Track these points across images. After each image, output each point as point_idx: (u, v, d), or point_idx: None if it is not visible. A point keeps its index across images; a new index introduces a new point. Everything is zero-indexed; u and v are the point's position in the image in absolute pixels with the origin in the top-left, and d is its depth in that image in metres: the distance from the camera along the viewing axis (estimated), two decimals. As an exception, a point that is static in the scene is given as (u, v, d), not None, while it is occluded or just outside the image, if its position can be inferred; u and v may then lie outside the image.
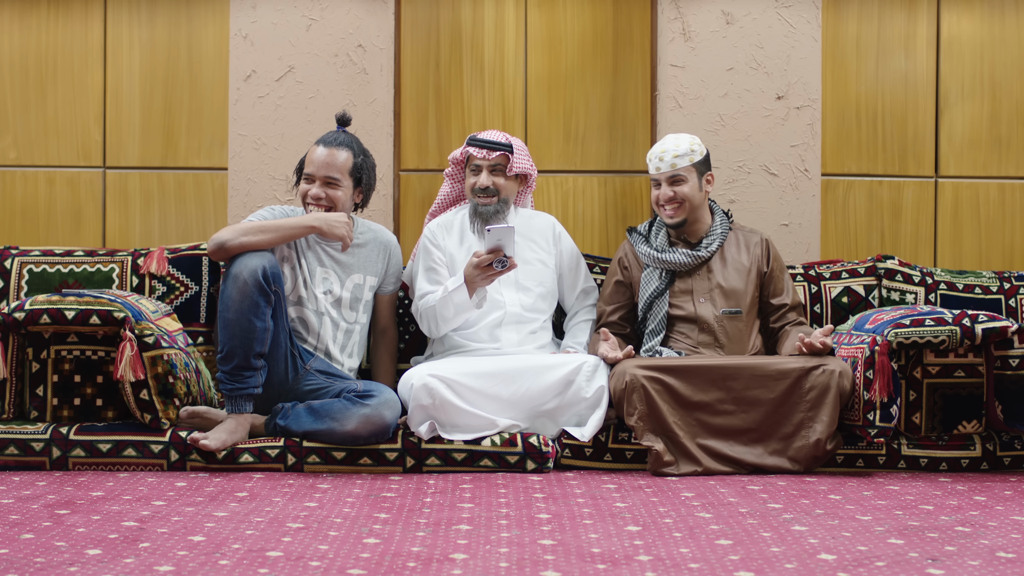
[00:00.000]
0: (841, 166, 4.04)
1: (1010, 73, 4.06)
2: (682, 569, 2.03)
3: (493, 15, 4.01)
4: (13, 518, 2.40)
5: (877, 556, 2.13)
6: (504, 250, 3.09)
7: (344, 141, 3.30)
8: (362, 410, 3.00)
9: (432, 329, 3.32)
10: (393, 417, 3.03)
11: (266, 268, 3.02)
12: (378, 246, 3.39)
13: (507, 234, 3.07)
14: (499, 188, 3.38)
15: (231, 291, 3.00)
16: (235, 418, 3.03)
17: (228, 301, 3.01)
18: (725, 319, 3.33)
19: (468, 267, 3.16)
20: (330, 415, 3.02)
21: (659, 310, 3.34)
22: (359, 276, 3.34)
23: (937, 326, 3.06)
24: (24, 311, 3.04)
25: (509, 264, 3.11)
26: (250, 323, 3.00)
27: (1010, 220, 4.07)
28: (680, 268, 3.36)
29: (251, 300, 2.99)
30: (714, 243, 3.38)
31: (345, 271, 3.32)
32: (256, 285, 2.99)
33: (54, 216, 4.01)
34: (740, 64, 3.96)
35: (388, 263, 3.40)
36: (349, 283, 3.32)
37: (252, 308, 3.00)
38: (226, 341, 3.01)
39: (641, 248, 3.41)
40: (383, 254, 3.39)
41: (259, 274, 3.00)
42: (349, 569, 2.01)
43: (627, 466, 3.11)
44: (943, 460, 3.12)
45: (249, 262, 3.02)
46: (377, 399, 3.02)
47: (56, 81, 4.01)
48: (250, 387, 3.03)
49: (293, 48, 3.96)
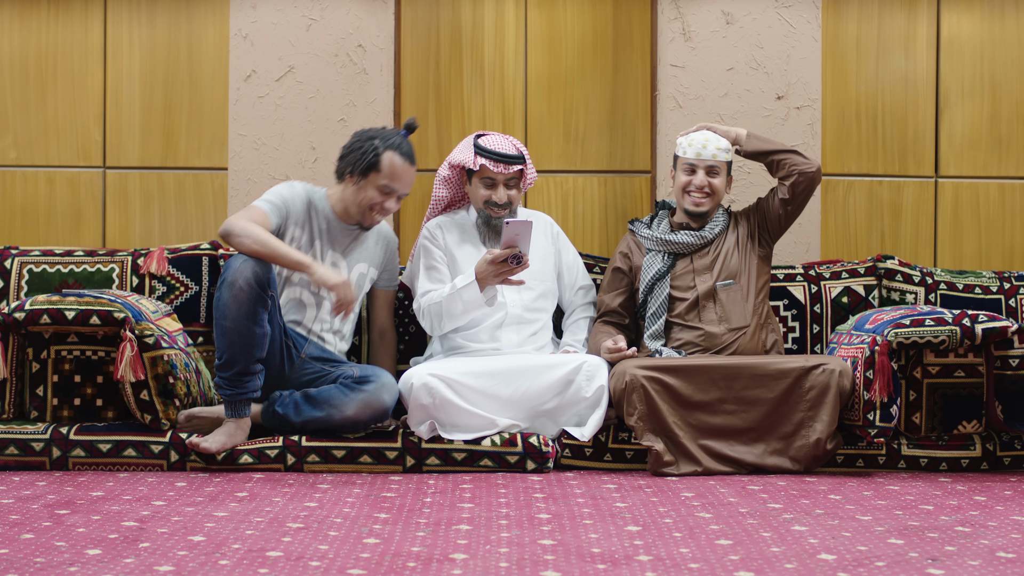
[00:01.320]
0: (841, 166, 4.04)
1: (1010, 73, 4.06)
2: (682, 569, 2.03)
3: (493, 15, 4.01)
4: (13, 518, 2.40)
5: (877, 556, 2.13)
6: (519, 246, 3.07)
7: (414, 156, 3.26)
8: (360, 395, 3.01)
9: (435, 326, 3.31)
10: (391, 399, 3.04)
11: (259, 274, 2.98)
12: (378, 237, 3.40)
13: (524, 228, 3.04)
14: (512, 200, 3.37)
15: (227, 298, 2.97)
16: (235, 421, 3.03)
17: (224, 309, 2.97)
18: (722, 291, 3.34)
19: (481, 263, 3.14)
20: (328, 402, 3.03)
21: (660, 292, 3.36)
22: (363, 266, 3.35)
23: (937, 326, 3.06)
24: (24, 311, 3.04)
25: (524, 262, 3.09)
26: (249, 330, 2.98)
27: (1010, 220, 4.06)
28: (685, 250, 3.38)
29: (248, 308, 2.97)
30: (717, 227, 3.42)
31: (353, 259, 3.33)
32: (252, 293, 2.96)
33: (54, 216, 4.01)
34: (740, 64, 3.96)
35: (386, 254, 3.42)
36: (354, 272, 3.33)
37: (250, 316, 2.98)
38: (225, 348, 2.99)
39: (645, 232, 3.44)
40: (381, 244, 3.40)
41: (254, 281, 2.96)
42: (349, 569, 2.01)
43: (627, 466, 3.11)
44: (943, 460, 3.12)
45: (244, 269, 2.96)
46: (375, 383, 3.03)
47: (56, 81, 4.01)
48: (249, 392, 3.03)
49: (293, 48, 3.96)
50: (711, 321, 3.33)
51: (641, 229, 3.48)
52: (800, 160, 3.37)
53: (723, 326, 3.31)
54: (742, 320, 3.33)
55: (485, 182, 3.35)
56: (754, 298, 3.37)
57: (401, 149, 3.21)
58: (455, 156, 3.40)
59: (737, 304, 3.35)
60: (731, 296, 3.35)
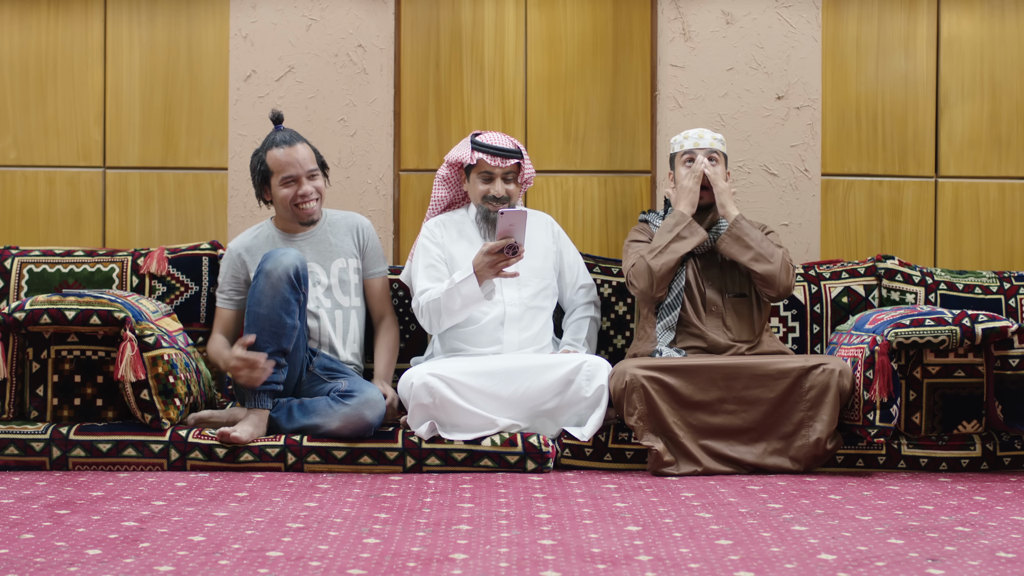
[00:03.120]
0: (841, 166, 4.04)
1: (1010, 73, 4.06)
2: (682, 569, 2.03)
3: (493, 15, 4.01)
4: (13, 518, 2.40)
5: (877, 556, 2.13)
6: (515, 235, 3.08)
7: (294, 136, 3.37)
8: (342, 409, 3.03)
9: (434, 324, 3.31)
10: (374, 416, 3.04)
11: (298, 268, 3.09)
12: (346, 227, 3.45)
13: (519, 218, 3.05)
14: (510, 195, 3.38)
15: (263, 286, 3.05)
16: (257, 412, 3.07)
17: (259, 296, 3.05)
18: (731, 302, 3.33)
19: (477, 256, 3.15)
20: (316, 412, 3.07)
21: (676, 285, 3.34)
22: (341, 260, 3.40)
23: (937, 326, 3.06)
24: (24, 311, 3.04)
25: (519, 252, 3.10)
26: (280, 318, 3.05)
27: (1010, 220, 4.07)
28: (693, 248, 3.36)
29: (282, 296, 3.05)
30: (723, 229, 3.38)
31: (326, 259, 3.38)
32: (288, 282, 3.06)
33: (54, 216, 4.01)
34: (740, 64, 3.96)
35: (360, 239, 3.45)
36: (334, 268, 3.37)
37: (283, 304, 3.05)
38: (255, 333, 3.05)
39: (657, 223, 3.43)
40: (351, 232, 3.45)
41: (291, 272, 3.06)
42: (349, 569, 2.01)
43: (627, 466, 3.11)
44: (943, 460, 3.12)
45: (283, 259, 3.08)
46: (357, 399, 3.04)
47: (56, 81, 4.01)
48: (272, 383, 3.06)
49: (293, 48, 3.96)
50: (717, 329, 3.32)
51: (654, 220, 3.46)
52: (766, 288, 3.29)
53: (728, 336, 3.31)
54: (749, 334, 3.33)
55: (483, 176, 3.37)
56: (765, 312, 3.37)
57: (275, 142, 3.34)
58: (453, 154, 3.44)
59: (745, 317, 3.34)
60: (740, 308, 3.34)
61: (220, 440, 2.99)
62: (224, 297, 3.39)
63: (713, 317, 3.34)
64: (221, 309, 3.39)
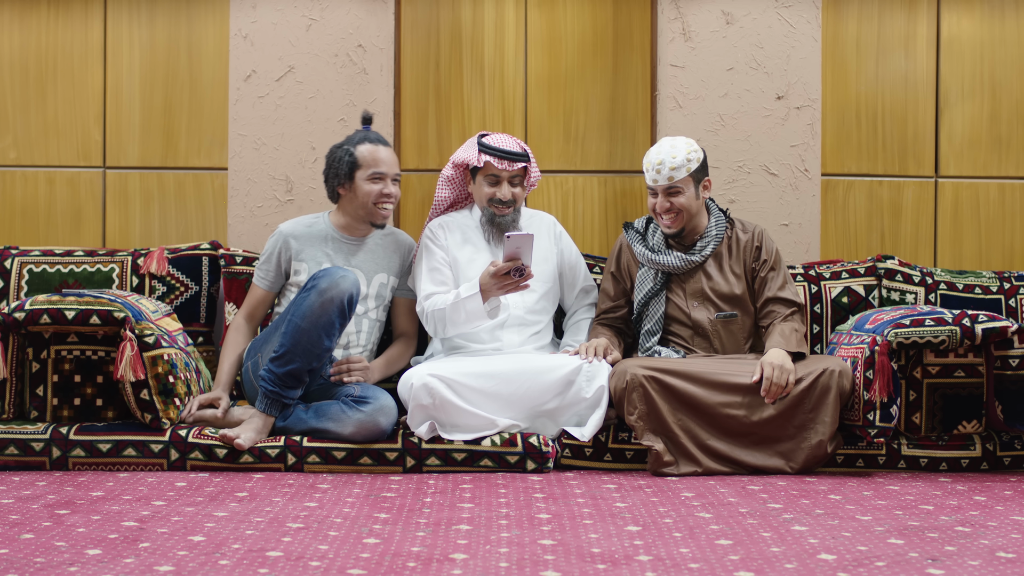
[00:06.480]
0: (841, 166, 4.04)
1: (1010, 73, 4.06)
2: (682, 569, 2.03)
3: (493, 15, 4.01)
4: (13, 518, 2.40)
5: (877, 556, 2.13)
6: (522, 258, 3.08)
7: (385, 139, 3.36)
8: (357, 416, 3.02)
9: (438, 331, 3.31)
10: (388, 423, 3.05)
11: (353, 296, 3.06)
12: (395, 244, 3.46)
13: (526, 241, 3.05)
14: (516, 198, 3.38)
15: (313, 302, 3.01)
16: (263, 418, 3.06)
17: (306, 310, 3.01)
18: (720, 323, 3.32)
19: (484, 275, 3.14)
20: (328, 417, 3.05)
21: (655, 310, 3.33)
22: (383, 276, 3.40)
23: (937, 326, 3.06)
24: (24, 311, 3.04)
25: (526, 273, 3.11)
26: (319, 339, 3.03)
27: (1010, 220, 4.07)
28: (674, 271, 3.35)
29: (329, 319, 3.02)
30: (708, 247, 3.34)
31: (371, 270, 3.37)
32: (339, 308, 3.03)
33: (54, 216, 4.01)
34: (740, 64, 3.96)
35: (404, 262, 3.46)
36: (375, 281, 3.38)
37: (327, 326, 3.03)
38: (289, 345, 3.02)
39: (637, 248, 3.39)
40: (400, 251, 3.45)
41: (345, 299, 3.03)
42: (349, 569, 2.01)
43: (627, 466, 3.11)
44: (943, 460, 3.12)
45: (341, 283, 3.03)
46: (372, 405, 3.04)
47: (56, 81, 4.01)
48: (290, 397, 3.07)
49: (293, 48, 3.96)
50: (706, 350, 3.31)
51: (635, 242, 3.40)
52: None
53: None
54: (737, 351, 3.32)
55: (489, 179, 3.36)
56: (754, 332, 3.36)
57: (369, 138, 3.33)
58: (459, 155, 3.42)
59: (733, 336, 3.33)
60: (728, 329, 3.33)
61: (222, 441, 2.99)
62: (260, 275, 3.39)
63: (701, 338, 3.32)
64: (255, 286, 3.40)
